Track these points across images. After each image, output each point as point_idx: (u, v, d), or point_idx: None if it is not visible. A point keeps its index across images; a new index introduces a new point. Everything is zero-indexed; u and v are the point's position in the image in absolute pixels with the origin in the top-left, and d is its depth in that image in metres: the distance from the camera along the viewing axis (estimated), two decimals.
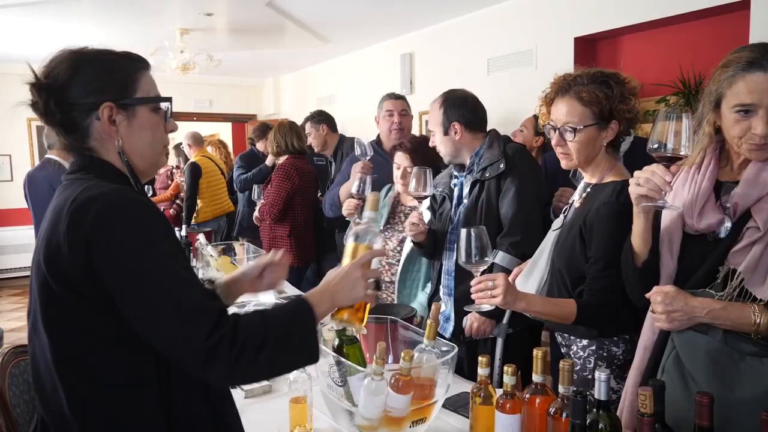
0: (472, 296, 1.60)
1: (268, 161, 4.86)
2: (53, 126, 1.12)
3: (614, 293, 1.57)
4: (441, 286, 2.33)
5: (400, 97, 3.37)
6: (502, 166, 2.18)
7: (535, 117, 3.41)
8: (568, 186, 2.17)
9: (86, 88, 1.09)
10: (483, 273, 1.60)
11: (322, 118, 4.37)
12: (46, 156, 3.75)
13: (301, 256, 3.89)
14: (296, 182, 3.84)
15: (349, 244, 1.34)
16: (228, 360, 1.01)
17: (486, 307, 1.62)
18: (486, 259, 1.57)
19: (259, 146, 5.46)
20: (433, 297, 2.37)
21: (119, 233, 1.01)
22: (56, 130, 1.13)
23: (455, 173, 2.37)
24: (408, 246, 2.49)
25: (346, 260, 1.30)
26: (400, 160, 2.59)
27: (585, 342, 1.67)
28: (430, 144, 2.37)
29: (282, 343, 1.08)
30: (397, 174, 2.61)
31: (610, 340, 1.64)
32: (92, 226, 0.99)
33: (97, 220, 1.00)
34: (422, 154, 2.55)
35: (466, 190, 2.29)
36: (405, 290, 2.55)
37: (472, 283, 1.59)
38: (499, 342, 2.18)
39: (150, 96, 1.17)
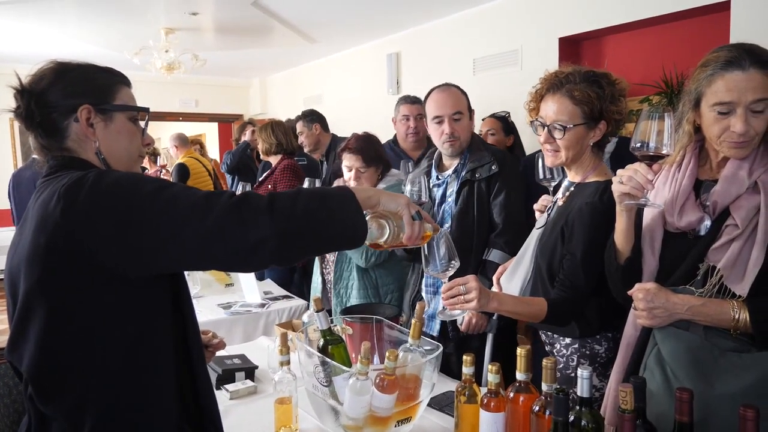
0: (444, 303, 1.54)
1: (247, 136, 4.89)
2: (32, 129, 1.16)
3: (585, 290, 1.59)
4: (424, 285, 2.34)
5: (416, 101, 3.35)
6: (494, 167, 2.22)
7: (497, 117, 3.45)
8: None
9: (66, 92, 1.14)
10: (450, 278, 1.53)
11: (314, 117, 4.32)
12: (33, 156, 3.71)
13: None
14: (304, 181, 3.83)
15: None
16: (262, 204, 1.00)
17: (458, 314, 1.57)
18: (453, 263, 1.48)
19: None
20: (416, 297, 2.36)
21: (117, 187, 1.02)
22: (35, 133, 1.16)
23: (437, 173, 2.37)
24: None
25: None
26: (351, 161, 2.53)
27: (568, 340, 1.68)
28: (445, 131, 2.23)
29: (317, 195, 1.06)
30: (349, 176, 2.55)
31: (593, 339, 1.64)
32: (90, 194, 1.00)
33: (93, 187, 1.01)
34: (370, 152, 2.53)
35: (450, 190, 2.30)
36: (340, 290, 2.65)
37: (443, 289, 1.53)
38: (490, 337, 2.19)
39: (128, 104, 1.20)
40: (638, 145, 1.27)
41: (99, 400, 1.06)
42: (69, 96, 1.14)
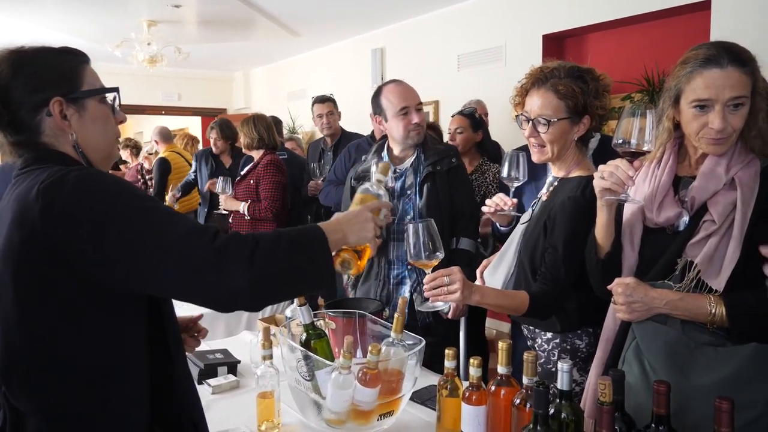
0: (426, 294, 1.54)
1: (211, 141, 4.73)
2: (1, 128, 1.10)
3: (566, 284, 1.60)
4: (390, 277, 2.34)
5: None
6: (454, 160, 2.30)
7: (465, 114, 3.48)
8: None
9: (31, 86, 1.07)
10: (435, 269, 1.54)
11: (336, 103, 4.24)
12: None
13: None
14: (287, 176, 3.80)
15: (359, 193, 1.35)
16: (243, 254, 1.00)
17: (440, 305, 1.57)
18: (437, 253, 1.49)
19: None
20: (383, 289, 2.34)
21: (100, 195, 1.00)
22: (4, 132, 1.10)
23: (396, 167, 2.36)
24: None
25: (355, 207, 1.30)
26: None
27: (549, 335, 1.69)
28: (413, 121, 2.28)
29: (296, 246, 1.07)
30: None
31: (574, 333, 1.66)
32: (71, 196, 0.98)
33: (74, 189, 0.98)
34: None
35: (409, 183, 2.32)
36: None
37: (426, 280, 1.54)
38: (462, 321, 2.32)
39: (97, 87, 1.15)
40: (620, 141, 1.29)
41: (68, 399, 1.05)
42: (35, 90, 1.07)
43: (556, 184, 1.72)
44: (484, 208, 1.85)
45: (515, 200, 1.74)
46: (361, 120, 3.89)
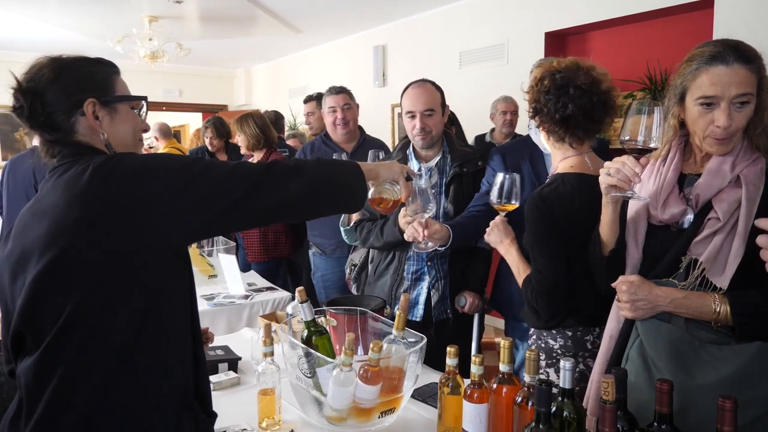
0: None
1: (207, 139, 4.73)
2: (37, 128, 1.18)
3: (537, 278, 1.60)
4: (406, 273, 2.34)
5: (341, 91, 3.25)
6: (480, 163, 2.32)
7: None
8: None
9: (68, 90, 1.16)
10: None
11: None
12: (35, 144, 3.65)
13: (277, 250, 3.80)
14: None
15: None
16: (291, 167, 1.18)
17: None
18: (513, 201, 1.74)
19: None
20: (398, 285, 2.34)
21: (147, 165, 1.09)
22: (40, 131, 1.18)
23: (419, 164, 2.37)
24: None
25: None
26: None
27: (531, 331, 1.71)
28: (416, 125, 2.28)
29: (335, 166, 1.29)
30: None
31: (548, 333, 1.65)
32: (126, 171, 1.07)
33: (126, 165, 1.08)
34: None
35: (433, 181, 2.33)
36: None
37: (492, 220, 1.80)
38: (476, 318, 2.38)
39: (127, 95, 1.25)
40: (627, 138, 1.29)
41: (92, 389, 1.06)
42: (72, 93, 1.15)
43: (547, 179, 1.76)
44: (406, 236, 2.03)
45: (427, 231, 1.93)
46: (362, 117, 3.88)
